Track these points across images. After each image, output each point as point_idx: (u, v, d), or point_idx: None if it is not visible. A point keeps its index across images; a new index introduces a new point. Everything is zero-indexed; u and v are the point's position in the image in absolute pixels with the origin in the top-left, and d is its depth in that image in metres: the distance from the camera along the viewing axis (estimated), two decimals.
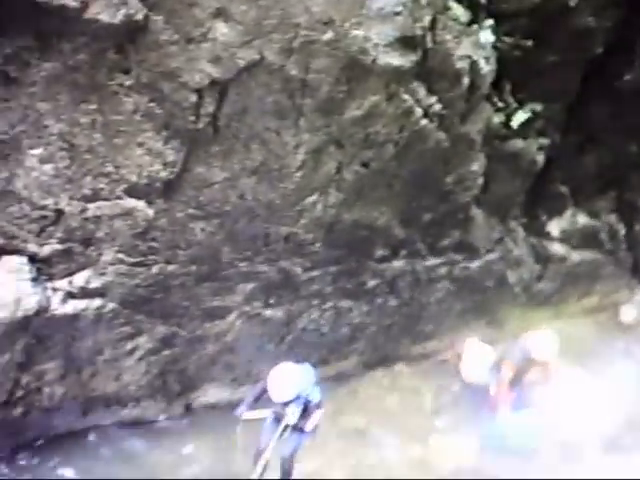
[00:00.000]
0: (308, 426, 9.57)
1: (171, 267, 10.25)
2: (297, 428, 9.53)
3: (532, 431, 11.47)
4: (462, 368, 13.27)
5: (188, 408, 11.54)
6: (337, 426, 11.44)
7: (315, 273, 11.51)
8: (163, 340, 10.75)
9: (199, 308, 10.80)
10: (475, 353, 13.32)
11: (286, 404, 9.35)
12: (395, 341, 13.11)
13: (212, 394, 11.66)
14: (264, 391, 9.50)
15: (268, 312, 11.44)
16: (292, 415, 9.33)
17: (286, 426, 9.43)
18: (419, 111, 10.59)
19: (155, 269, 10.16)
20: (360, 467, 11.32)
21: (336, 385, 12.35)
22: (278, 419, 9.51)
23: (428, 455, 11.65)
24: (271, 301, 11.39)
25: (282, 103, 9.56)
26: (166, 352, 10.87)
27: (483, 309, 13.83)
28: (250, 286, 11.04)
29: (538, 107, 11.95)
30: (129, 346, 10.53)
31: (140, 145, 9.21)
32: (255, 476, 9.34)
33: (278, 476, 9.85)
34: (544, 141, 12.45)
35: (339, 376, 12.62)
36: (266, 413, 9.74)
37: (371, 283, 12.21)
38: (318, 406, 9.62)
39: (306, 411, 9.46)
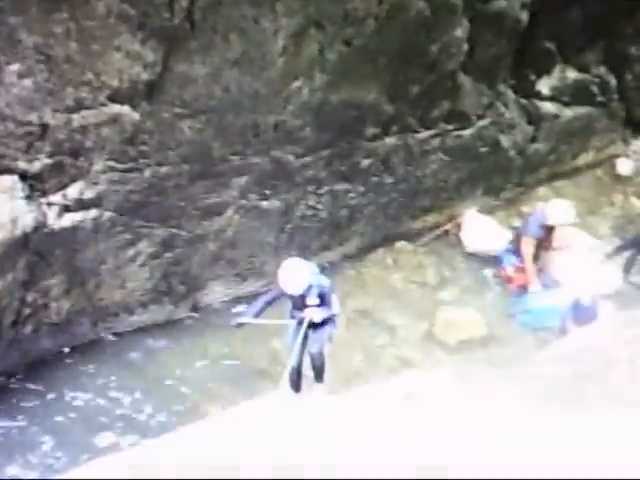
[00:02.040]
0: (334, 309, 9.86)
1: (163, 169, 10.43)
2: (322, 324, 9.81)
3: (557, 307, 11.81)
4: (463, 239, 13.64)
5: (195, 308, 11.88)
6: (344, 309, 11.64)
7: (308, 159, 11.69)
8: (163, 243, 11.00)
9: (196, 207, 11.02)
10: (474, 223, 13.67)
11: (302, 300, 9.61)
12: (394, 219, 13.38)
13: (217, 291, 12.00)
14: (273, 298, 9.81)
15: (265, 203, 11.67)
16: (314, 313, 9.60)
17: (310, 324, 9.69)
18: None
19: (147, 173, 10.34)
20: (370, 348, 11.76)
21: (340, 269, 12.77)
22: (300, 322, 9.77)
23: (436, 329, 12.04)
24: (267, 192, 11.59)
25: None
26: (168, 255, 11.13)
27: (479, 177, 14.05)
28: (244, 179, 11.23)
29: None
30: (130, 253, 10.78)
31: (117, 49, 9.29)
32: (286, 382, 9.62)
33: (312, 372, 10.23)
34: None
35: (342, 260, 13.00)
36: (272, 321, 10.08)
37: (365, 163, 12.40)
38: (332, 290, 9.86)
39: (323, 300, 9.69)
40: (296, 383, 10.09)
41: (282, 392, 9.51)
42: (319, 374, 10.18)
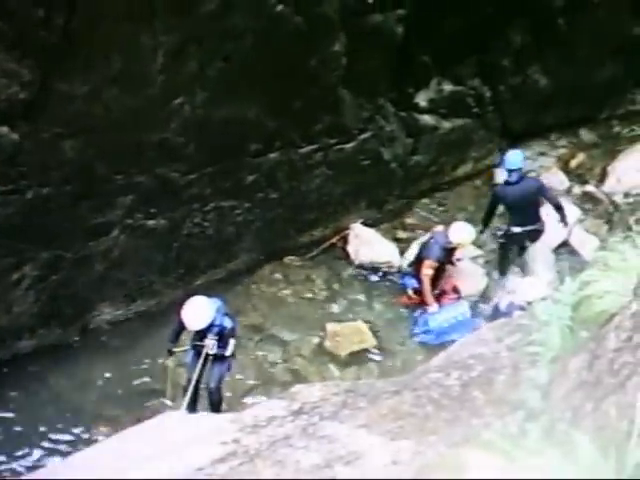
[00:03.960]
0: (227, 351, 10.15)
1: (45, 190, 10.29)
2: (217, 357, 10.11)
3: (456, 321, 12.10)
4: (349, 252, 13.80)
5: (85, 330, 11.70)
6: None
7: (192, 176, 11.68)
8: (49, 266, 10.82)
9: (81, 228, 10.89)
10: (360, 235, 13.85)
11: (203, 334, 9.93)
12: (281, 234, 13.43)
13: (107, 312, 11.87)
14: (181, 327, 10.12)
15: (151, 222, 11.61)
16: (211, 345, 9.91)
17: (207, 356, 10.00)
18: None
19: (29, 194, 10.18)
20: (262, 363, 11.82)
21: (229, 285, 12.76)
22: (198, 352, 10.07)
23: (327, 342, 12.21)
24: (152, 211, 11.54)
25: (133, 6, 9.59)
26: (54, 277, 10.95)
27: (363, 190, 14.19)
28: (129, 198, 11.16)
29: None
30: (15, 277, 10.57)
31: None
32: (184, 407, 9.82)
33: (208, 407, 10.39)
34: (401, 12, 12.64)
35: (231, 276, 12.99)
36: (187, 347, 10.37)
37: (249, 179, 12.44)
38: (232, 333, 10.22)
39: (222, 339, 10.01)
40: (192, 405, 10.14)
41: (181, 412, 9.63)
42: (216, 409, 10.30)
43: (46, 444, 10.07)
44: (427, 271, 12.35)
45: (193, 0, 10.04)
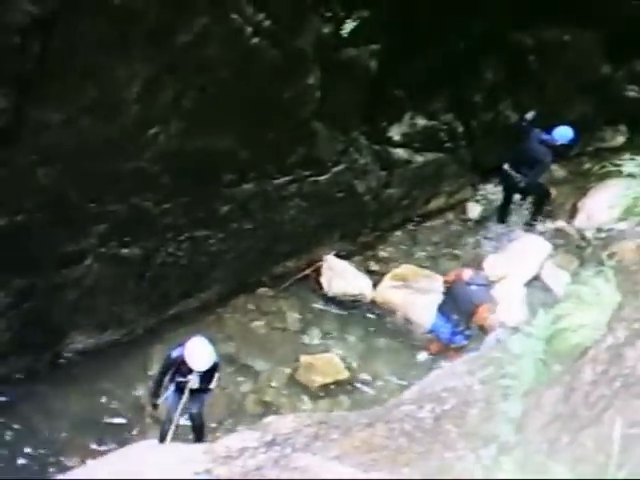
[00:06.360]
0: (212, 385, 10.26)
1: (19, 217, 10.16)
2: (199, 390, 10.15)
3: None
4: (322, 283, 13.72)
5: (56, 359, 11.54)
6: None
7: (166, 206, 11.58)
8: (21, 293, 10.69)
9: (54, 255, 10.75)
10: (333, 267, 13.79)
11: (189, 370, 9.90)
12: (254, 264, 13.35)
13: (79, 341, 11.72)
14: (166, 370, 10.11)
15: (124, 251, 11.48)
16: (195, 381, 9.96)
17: (191, 390, 10.03)
18: (249, 29, 10.73)
19: (2, 221, 10.05)
20: (234, 394, 11.72)
21: (201, 315, 12.68)
22: (181, 388, 10.08)
23: (299, 374, 12.17)
24: (126, 239, 11.42)
25: (109, 35, 9.49)
26: (26, 305, 10.80)
27: (336, 222, 14.17)
28: (103, 227, 11.04)
29: (365, 13, 12.12)
30: None
31: None
32: (169, 438, 9.86)
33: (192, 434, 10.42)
34: (375, 47, 12.65)
35: (203, 306, 12.89)
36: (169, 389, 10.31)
37: (224, 209, 12.35)
38: (216, 368, 10.18)
39: (206, 374, 10.02)
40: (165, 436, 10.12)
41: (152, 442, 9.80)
42: (199, 435, 10.36)
43: (16, 475, 9.88)
44: (488, 314, 11.98)
45: (169, 31, 9.96)
